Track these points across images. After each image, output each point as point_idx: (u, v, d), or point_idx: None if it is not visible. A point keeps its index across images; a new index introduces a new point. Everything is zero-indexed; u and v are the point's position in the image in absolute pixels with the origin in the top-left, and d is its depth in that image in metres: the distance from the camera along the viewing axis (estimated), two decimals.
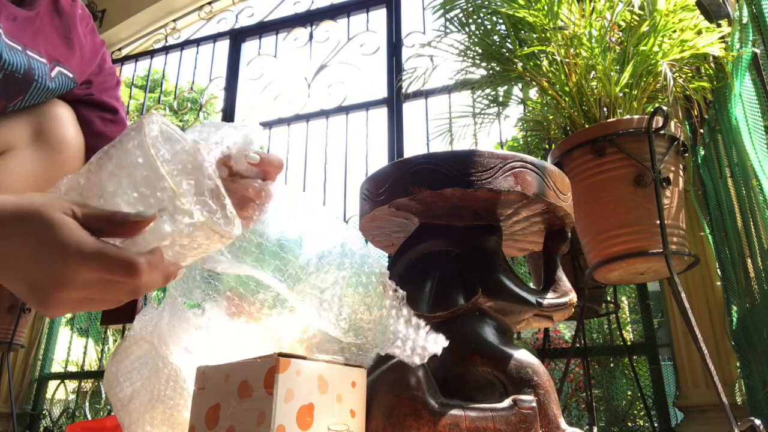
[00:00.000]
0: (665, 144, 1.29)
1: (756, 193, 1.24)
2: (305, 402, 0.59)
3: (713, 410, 1.57)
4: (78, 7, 0.88)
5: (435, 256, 0.78)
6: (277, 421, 0.55)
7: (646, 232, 1.24)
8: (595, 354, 2.14)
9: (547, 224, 0.84)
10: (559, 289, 0.79)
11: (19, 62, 0.74)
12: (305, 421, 0.58)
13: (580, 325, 1.63)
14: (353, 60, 2.82)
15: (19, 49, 0.74)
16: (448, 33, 1.81)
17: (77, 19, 0.86)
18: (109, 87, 0.93)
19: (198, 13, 3.25)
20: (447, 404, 0.66)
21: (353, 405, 0.66)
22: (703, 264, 1.61)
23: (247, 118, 2.93)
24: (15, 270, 0.45)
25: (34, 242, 0.44)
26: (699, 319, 1.54)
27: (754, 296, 1.32)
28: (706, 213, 1.62)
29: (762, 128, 1.25)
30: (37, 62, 0.77)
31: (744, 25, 1.33)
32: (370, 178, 0.80)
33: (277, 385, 0.56)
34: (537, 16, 1.49)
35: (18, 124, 0.79)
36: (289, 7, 3.04)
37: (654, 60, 1.37)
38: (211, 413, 0.60)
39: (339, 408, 0.63)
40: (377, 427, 0.66)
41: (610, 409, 2.19)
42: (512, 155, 0.74)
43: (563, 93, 1.47)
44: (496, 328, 0.75)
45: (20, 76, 0.75)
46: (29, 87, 0.77)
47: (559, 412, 0.69)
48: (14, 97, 0.77)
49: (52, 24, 0.82)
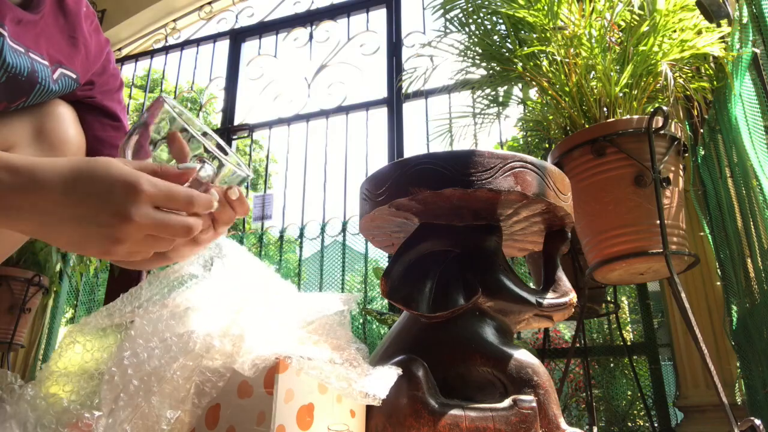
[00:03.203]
0: (665, 144, 1.29)
1: (756, 193, 1.23)
2: (305, 402, 0.59)
3: (713, 410, 1.57)
4: (83, 4, 0.87)
5: (435, 256, 0.78)
6: (277, 421, 0.55)
7: (646, 232, 1.24)
8: (595, 354, 2.14)
9: (547, 224, 0.84)
10: (559, 289, 0.79)
11: (23, 65, 0.74)
12: (305, 421, 0.58)
13: (580, 325, 1.63)
14: (353, 60, 2.83)
15: (22, 51, 0.74)
16: (448, 33, 1.81)
17: (82, 17, 0.86)
18: (111, 89, 0.92)
19: (198, 13, 3.25)
20: (447, 404, 0.66)
21: (353, 405, 0.66)
22: (703, 264, 1.61)
23: (247, 118, 2.93)
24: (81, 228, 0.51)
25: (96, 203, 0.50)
26: (699, 319, 1.54)
27: (754, 296, 1.32)
28: (706, 213, 1.62)
29: (762, 128, 1.25)
30: (39, 65, 0.77)
31: (744, 25, 1.33)
32: (370, 178, 0.80)
33: (277, 385, 0.56)
34: (537, 16, 1.48)
35: (20, 124, 0.79)
36: (289, 7, 3.04)
37: (654, 60, 1.37)
38: (211, 413, 0.60)
39: (339, 408, 0.64)
40: (377, 427, 0.66)
41: (610, 409, 2.19)
42: (512, 155, 0.74)
43: (563, 93, 1.47)
44: (496, 328, 0.75)
45: (24, 79, 0.75)
46: (32, 89, 0.77)
47: (559, 412, 0.69)
48: (17, 98, 0.77)
49: (57, 24, 0.82)
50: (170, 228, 0.51)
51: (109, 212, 0.49)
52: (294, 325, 0.72)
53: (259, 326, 0.65)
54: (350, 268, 3.17)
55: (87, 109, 0.88)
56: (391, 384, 0.60)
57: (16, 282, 2.17)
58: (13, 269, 2.16)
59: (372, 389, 0.57)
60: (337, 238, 2.47)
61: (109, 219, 0.49)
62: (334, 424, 0.61)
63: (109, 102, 0.91)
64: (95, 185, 0.50)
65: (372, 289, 2.78)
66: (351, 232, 2.45)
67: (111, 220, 0.49)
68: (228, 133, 2.88)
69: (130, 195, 0.49)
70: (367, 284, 2.60)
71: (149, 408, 0.57)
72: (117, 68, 0.95)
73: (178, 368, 0.58)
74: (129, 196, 0.49)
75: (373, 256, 2.50)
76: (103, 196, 0.49)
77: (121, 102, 0.94)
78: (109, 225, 0.49)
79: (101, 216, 0.49)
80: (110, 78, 0.92)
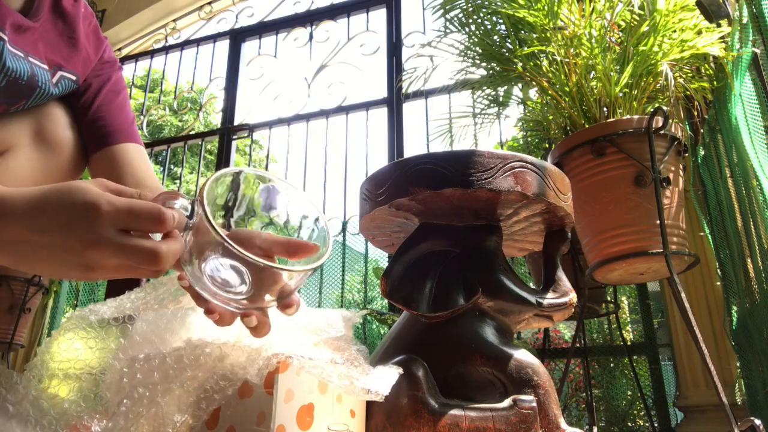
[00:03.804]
0: (665, 144, 1.29)
1: (756, 193, 1.23)
2: (305, 402, 0.59)
3: (713, 410, 1.57)
4: (81, 5, 0.88)
5: (435, 256, 0.78)
6: (277, 421, 0.55)
7: (646, 232, 1.24)
8: (595, 354, 2.14)
9: (547, 224, 0.84)
10: (559, 289, 0.79)
11: (23, 69, 0.74)
12: (305, 421, 0.58)
13: (580, 325, 1.63)
14: (353, 60, 2.83)
15: (22, 56, 0.75)
16: (448, 33, 1.81)
17: (80, 19, 0.86)
18: (103, 74, 0.93)
19: (198, 13, 3.24)
20: (447, 404, 0.66)
21: (353, 405, 0.66)
22: (703, 264, 1.61)
23: (247, 118, 2.93)
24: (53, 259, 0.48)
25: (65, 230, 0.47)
26: (699, 319, 1.54)
27: (754, 296, 1.32)
28: (706, 213, 1.62)
29: (762, 128, 1.25)
30: (39, 69, 0.77)
31: (744, 25, 1.33)
32: (370, 178, 0.80)
33: (277, 385, 0.56)
34: (537, 16, 1.48)
35: (19, 125, 0.79)
36: (289, 7, 3.04)
37: (654, 60, 1.37)
38: (211, 413, 0.60)
39: (339, 408, 0.64)
40: (377, 427, 0.66)
41: (610, 409, 2.19)
42: (512, 155, 0.74)
43: (563, 93, 1.47)
44: (496, 328, 0.75)
45: (24, 83, 0.75)
46: (32, 93, 0.77)
47: (559, 412, 0.69)
48: (17, 101, 0.77)
49: (55, 28, 0.82)
50: (133, 254, 0.46)
51: (74, 238, 0.46)
52: (303, 335, 0.72)
53: (271, 336, 0.64)
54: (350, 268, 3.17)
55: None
56: (393, 382, 0.60)
57: (16, 282, 2.17)
58: (13, 269, 2.16)
59: (374, 386, 0.57)
60: (337, 238, 2.47)
61: (74, 245, 0.46)
62: (334, 424, 0.61)
63: (93, 81, 0.91)
64: (62, 211, 0.47)
65: (372, 289, 2.79)
66: (351, 232, 2.45)
67: (76, 246, 0.46)
68: (228, 133, 2.88)
69: (90, 218, 0.46)
70: (367, 284, 2.60)
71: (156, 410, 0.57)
72: (114, 57, 0.96)
73: (188, 379, 0.58)
74: (89, 219, 0.46)
75: (373, 256, 2.50)
76: (67, 223, 0.47)
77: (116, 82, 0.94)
78: (76, 252, 0.47)
79: (67, 242, 0.47)
80: (104, 65, 0.92)
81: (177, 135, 3.57)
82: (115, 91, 0.92)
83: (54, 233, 0.47)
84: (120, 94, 0.93)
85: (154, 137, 3.38)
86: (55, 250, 0.47)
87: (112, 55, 0.95)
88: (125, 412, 0.54)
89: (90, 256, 0.47)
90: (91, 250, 0.46)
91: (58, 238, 0.47)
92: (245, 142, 3.14)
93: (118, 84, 0.93)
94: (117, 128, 0.89)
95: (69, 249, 0.47)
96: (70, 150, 0.84)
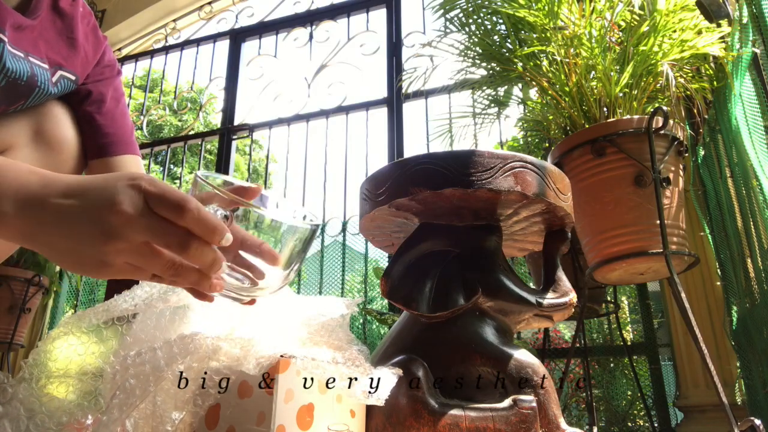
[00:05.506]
0: (665, 144, 1.29)
1: (756, 193, 1.23)
2: (305, 402, 0.59)
3: (713, 410, 1.57)
4: (79, 5, 0.88)
5: (435, 256, 0.77)
6: (277, 421, 0.55)
7: (646, 232, 1.24)
8: (595, 354, 2.14)
9: (547, 224, 0.84)
10: (559, 289, 0.79)
11: (22, 69, 0.74)
12: (305, 421, 0.58)
13: (580, 325, 1.63)
14: (353, 60, 2.82)
15: (22, 56, 0.75)
16: (448, 33, 1.81)
17: (78, 18, 0.86)
18: (104, 78, 0.93)
19: (198, 13, 3.25)
20: (447, 404, 0.66)
21: (353, 405, 0.66)
22: (703, 264, 1.61)
23: (247, 118, 2.93)
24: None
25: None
26: (699, 319, 1.54)
27: (754, 296, 1.32)
28: (706, 213, 1.62)
29: (762, 128, 1.25)
30: (39, 68, 0.77)
31: (744, 25, 1.33)
32: (370, 178, 0.80)
33: (277, 385, 0.56)
34: (537, 16, 1.48)
35: (18, 125, 0.79)
36: (289, 7, 3.04)
37: (654, 60, 1.37)
38: (211, 413, 0.60)
39: (339, 408, 0.64)
40: (377, 427, 0.66)
41: (610, 409, 2.19)
42: (512, 155, 0.74)
43: (563, 93, 1.47)
44: (496, 328, 0.75)
45: (23, 83, 0.75)
46: (32, 93, 0.77)
47: (559, 412, 0.69)
48: (16, 101, 0.77)
49: (54, 28, 0.82)
50: (164, 236, 0.47)
51: (105, 199, 0.46)
52: (296, 326, 0.72)
53: (264, 329, 0.65)
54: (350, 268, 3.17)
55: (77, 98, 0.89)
56: (392, 386, 0.60)
57: (16, 282, 2.17)
58: (13, 269, 2.16)
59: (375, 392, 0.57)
60: (337, 238, 2.47)
61: (104, 206, 0.46)
62: (334, 424, 0.61)
63: (96, 87, 0.91)
64: (97, 183, 0.48)
65: (372, 289, 2.78)
66: (351, 232, 2.45)
67: (105, 207, 0.46)
68: (228, 133, 2.88)
69: (130, 187, 0.47)
70: (367, 284, 2.60)
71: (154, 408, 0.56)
72: (114, 60, 0.96)
73: (183, 370, 0.58)
74: (129, 187, 0.47)
75: (373, 256, 2.50)
76: (102, 187, 0.47)
77: (116, 89, 0.94)
78: (103, 215, 0.46)
79: (97, 205, 0.47)
80: (104, 69, 0.93)
81: (177, 135, 3.57)
82: (116, 98, 0.93)
83: (85, 197, 0.48)
84: (120, 101, 0.94)
85: (154, 137, 3.38)
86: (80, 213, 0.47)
87: (112, 57, 0.95)
88: (118, 404, 0.54)
89: (118, 221, 0.47)
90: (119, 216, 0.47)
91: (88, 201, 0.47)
92: (245, 142, 3.14)
93: (118, 91, 0.94)
94: (117, 138, 0.89)
95: (96, 211, 0.47)
96: (70, 149, 0.84)
